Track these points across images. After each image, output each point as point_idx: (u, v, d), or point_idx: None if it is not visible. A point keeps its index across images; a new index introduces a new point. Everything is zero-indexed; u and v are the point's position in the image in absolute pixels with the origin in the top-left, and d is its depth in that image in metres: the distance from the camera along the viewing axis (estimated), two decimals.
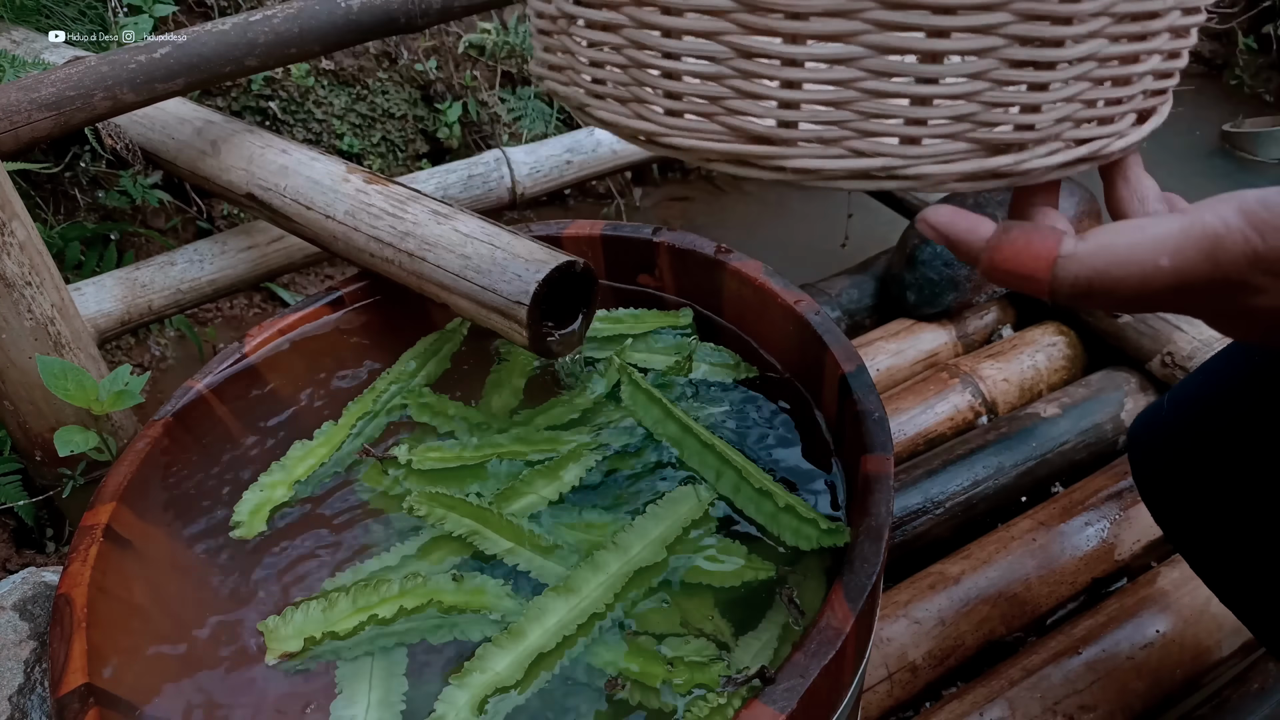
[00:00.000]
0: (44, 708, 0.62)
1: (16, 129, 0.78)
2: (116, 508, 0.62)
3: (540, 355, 0.68)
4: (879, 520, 0.53)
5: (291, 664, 0.56)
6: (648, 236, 0.76)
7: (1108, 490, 0.96)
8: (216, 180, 0.92)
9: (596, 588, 0.57)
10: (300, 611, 0.57)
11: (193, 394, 0.71)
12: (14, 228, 0.80)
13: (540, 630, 0.55)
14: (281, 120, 1.48)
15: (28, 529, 1.03)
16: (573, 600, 0.56)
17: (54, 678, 0.53)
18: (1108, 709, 0.79)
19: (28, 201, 1.23)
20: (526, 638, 0.55)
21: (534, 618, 0.55)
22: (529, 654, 0.54)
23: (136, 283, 1.02)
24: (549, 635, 0.55)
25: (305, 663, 0.56)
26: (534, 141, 1.31)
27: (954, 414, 1.08)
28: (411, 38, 1.57)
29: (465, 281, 0.69)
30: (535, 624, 0.55)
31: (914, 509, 0.96)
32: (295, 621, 0.57)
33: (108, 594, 0.59)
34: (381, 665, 0.56)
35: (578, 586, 0.57)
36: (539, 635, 0.55)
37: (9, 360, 0.85)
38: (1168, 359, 1.06)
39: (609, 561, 0.59)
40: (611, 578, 0.58)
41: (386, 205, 0.75)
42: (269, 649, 0.56)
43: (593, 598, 0.57)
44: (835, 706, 0.51)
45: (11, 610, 0.65)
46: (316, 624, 0.57)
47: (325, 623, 0.57)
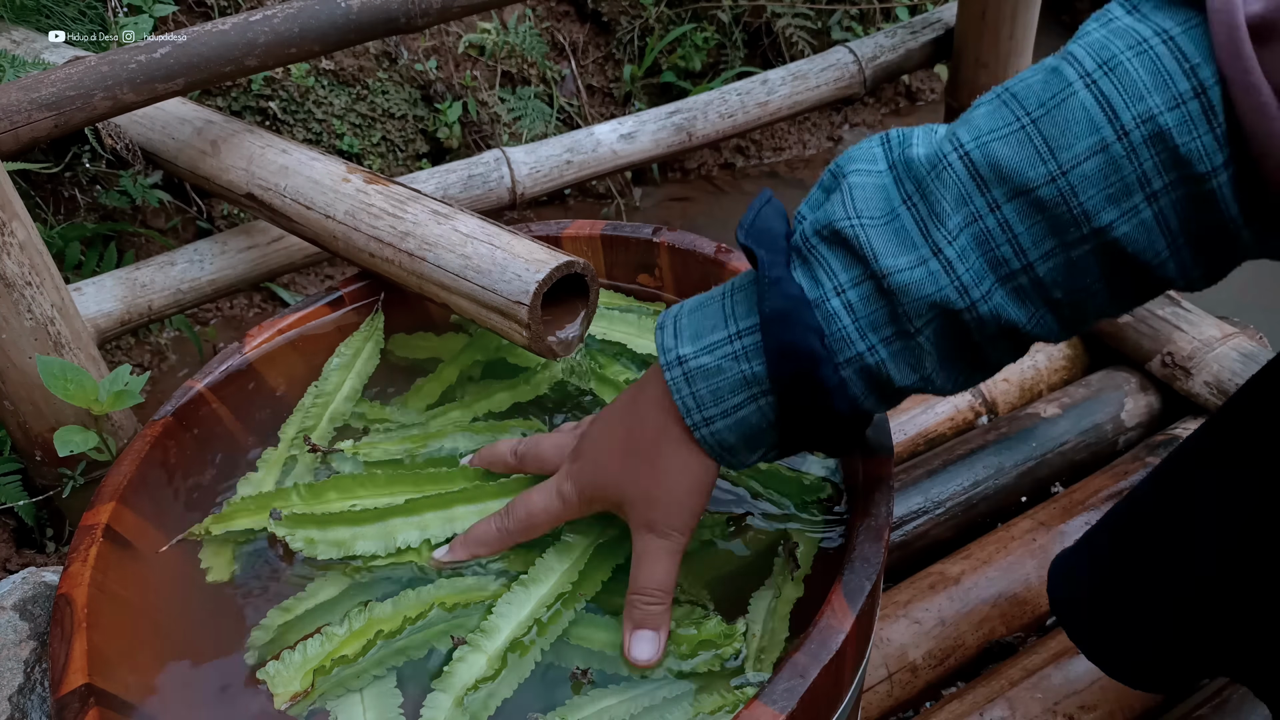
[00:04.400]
0: (44, 708, 0.62)
1: (16, 129, 0.78)
2: (116, 507, 0.62)
3: (541, 355, 0.68)
4: (879, 520, 0.53)
5: (305, 704, 0.54)
6: (648, 236, 0.76)
7: (1108, 490, 0.96)
8: (216, 180, 0.92)
9: (563, 573, 0.58)
10: (298, 651, 0.56)
11: (193, 394, 0.71)
12: (14, 228, 0.80)
13: (513, 622, 0.56)
14: (281, 120, 1.48)
15: (28, 529, 1.03)
16: (539, 590, 0.57)
17: (54, 678, 0.53)
18: (1108, 709, 0.79)
19: (28, 201, 1.23)
20: (501, 632, 0.55)
21: (503, 613, 0.56)
22: (504, 646, 0.55)
23: (136, 283, 1.02)
24: (522, 625, 0.55)
25: (319, 701, 0.55)
26: (534, 141, 1.31)
27: (954, 414, 1.08)
28: (411, 38, 1.57)
29: (465, 281, 0.69)
30: (507, 619, 0.56)
31: (914, 509, 0.96)
32: (295, 661, 0.56)
33: (108, 594, 0.59)
34: (373, 685, 0.56)
35: (542, 576, 0.58)
36: (512, 627, 0.55)
37: (9, 360, 0.85)
38: (1168, 359, 1.06)
39: (573, 546, 0.60)
40: (576, 560, 0.59)
41: (386, 205, 0.75)
42: (275, 696, 0.54)
43: (557, 582, 0.58)
44: (835, 706, 0.51)
45: (11, 610, 0.65)
46: (318, 656, 0.56)
47: (329, 652, 0.56)
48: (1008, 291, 0.44)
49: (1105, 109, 0.41)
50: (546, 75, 1.69)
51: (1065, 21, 2.06)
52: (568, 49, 1.73)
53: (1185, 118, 0.39)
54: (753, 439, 0.51)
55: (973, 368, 0.48)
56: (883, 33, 1.42)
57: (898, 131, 0.48)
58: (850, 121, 1.89)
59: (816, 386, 0.47)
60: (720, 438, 0.50)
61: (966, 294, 0.44)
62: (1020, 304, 0.45)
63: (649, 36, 1.74)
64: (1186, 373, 1.04)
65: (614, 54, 1.77)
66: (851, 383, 0.47)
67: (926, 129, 0.48)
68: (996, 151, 0.43)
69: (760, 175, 1.80)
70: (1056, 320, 0.45)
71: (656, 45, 1.73)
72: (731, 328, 0.50)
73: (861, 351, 0.46)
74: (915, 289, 0.45)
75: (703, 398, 0.50)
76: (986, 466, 1.00)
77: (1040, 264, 0.43)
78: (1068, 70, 0.43)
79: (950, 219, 0.44)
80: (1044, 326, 0.46)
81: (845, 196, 0.47)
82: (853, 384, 0.47)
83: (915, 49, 1.41)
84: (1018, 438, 1.02)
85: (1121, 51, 0.41)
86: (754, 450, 0.52)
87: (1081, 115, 0.41)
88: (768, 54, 1.80)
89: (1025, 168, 0.42)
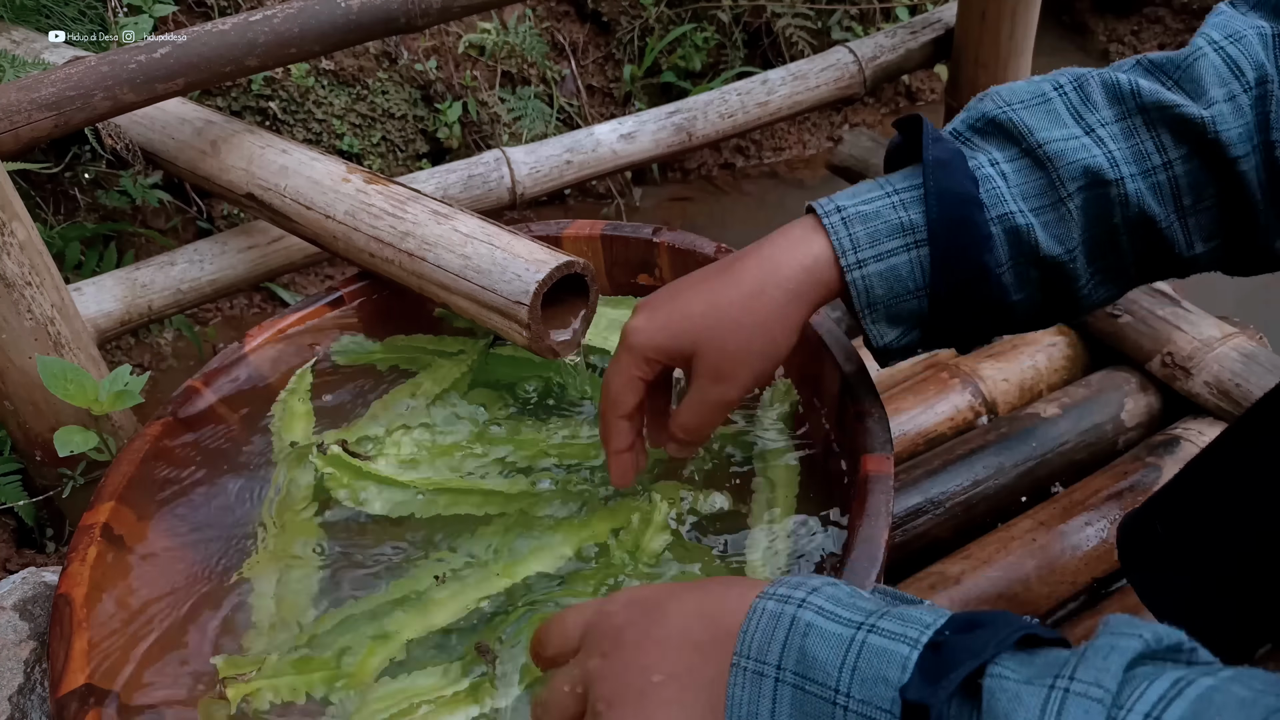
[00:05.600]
0: (44, 708, 0.62)
1: (16, 129, 0.78)
2: (116, 508, 0.62)
3: (541, 355, 0.68)
4: (879, 520, 0.53)
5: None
6: (648, 236, 0.76)
7: (1108, 490, 0.96)
8: (216, 180, 0.92)
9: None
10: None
11: (192, 394, 0.71)
12: (14, 228, 0.80)
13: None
14: (281, 120, 1.48)
15: (28, 529, 1.03)
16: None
17: (53, 678, 0.53)
18: None
19: (28, 201, 1.23)
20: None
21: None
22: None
23: (136, 283, 1.02)
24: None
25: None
26: (534, 141, 1.31)
27: (954, 414, 1.08)
28: (411, 38, 1.57)
29: (465, 281, 0.69)
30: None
31: (914, 509, 0.96)
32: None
33: (107, 594, 0.59)
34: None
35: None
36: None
37: (9, 360, 0.85)
38: (1168, 359, 1.06)
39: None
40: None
41: (386, 205, 0.75)
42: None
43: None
44: None
45: (11, 610, 0.65)
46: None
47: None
48: (1148, 185, 0.50)
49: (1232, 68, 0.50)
50: (546, 75, 1.69)
51: (1065, 21, 2.06)
52: (568, 49, 1.73)
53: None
54: (898, 299, 0.52)
55: (1111, 260, 0.52)
56: (883, 33, 1.42)
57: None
58: (850, 121, 1.89)
59: (971, 231, 0.50)
60: (870, 283, 0.52)
61: (1117, 167, 0.50)
62: (1158, 201, 0.51)
63: (649, 36, 1.74)
64: (1187, 373, 1.04)
65: (614, 54, 1.77)
66: (999, 241, 0.50)
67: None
68: (1155, 87, 0.51)
69: (760, 175, 1.80)
70: (1183, 230, 0.51)
71: (656, 45, 1.73)
72: (888, 188, 0.53)
73: (1013, 211, 0.50)
74: (1070, 154, 0.50)
75: (859, 239, 0.51)
76: (986, 466, 0.99)
77: (1178, 164, 0.50)
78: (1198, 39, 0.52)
79: (1102, 109, 0.51)
80: (1173, 234, 0.51)
81: (996, 94, 0.53)
82: (1000, 243, 0.50)
83: (915, 49, 1.41)
84: (1018, 438, 1.02)
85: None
86: (894, 321, 0.53)
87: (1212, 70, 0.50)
88: (768, 54, 1.80)
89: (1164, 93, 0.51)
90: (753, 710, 0.37)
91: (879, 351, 0.55)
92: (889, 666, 0.34)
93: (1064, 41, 2.02)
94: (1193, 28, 1.93)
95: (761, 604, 0.39)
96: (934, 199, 0.50)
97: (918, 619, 0.36)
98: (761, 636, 0.37)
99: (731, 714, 0.37)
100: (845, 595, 0.38)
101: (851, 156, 1.44)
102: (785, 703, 0.36)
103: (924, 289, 0.52)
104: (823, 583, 0.39)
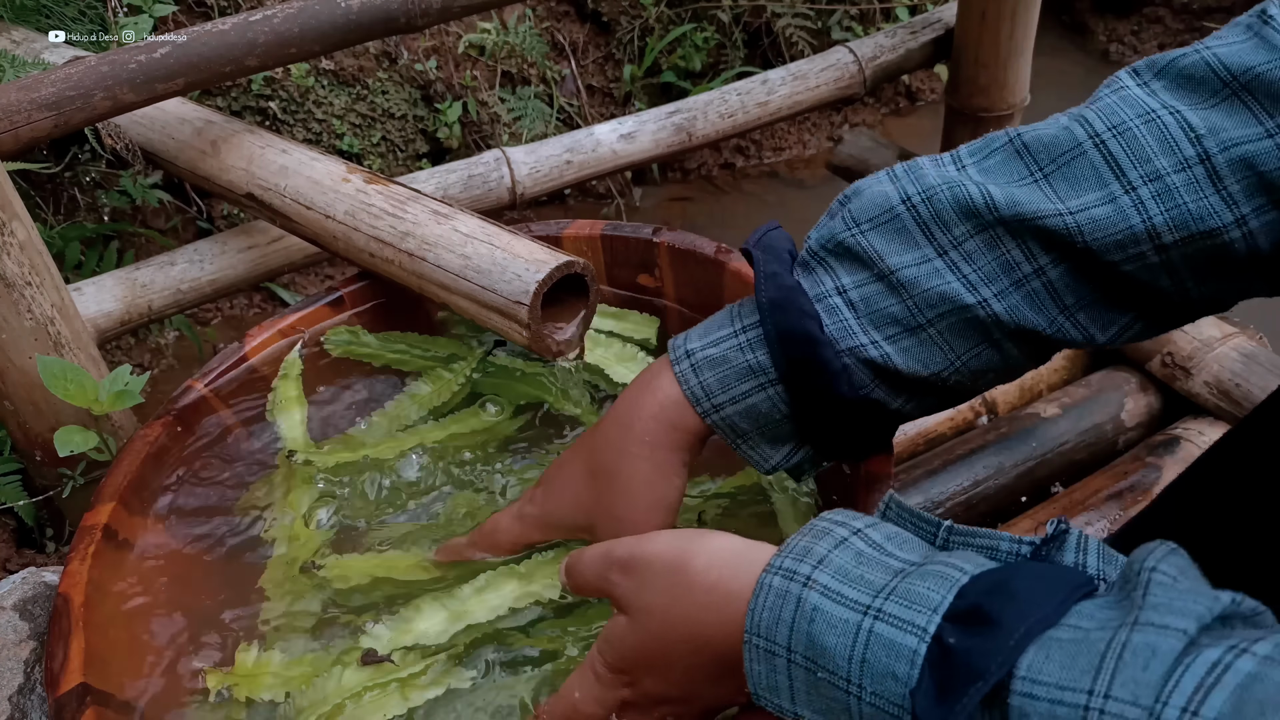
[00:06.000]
0: (44, 708, 0.62)
1: (16, 129, 0.78)
2: (116, 508, 0.62)
3: (541, 355, 0.68)
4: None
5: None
6: (648, 236, 0.76)
7: (1108, 490, 0.96)
8: (216, 180, 0.92)
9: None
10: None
11: (193, 394, 0.71)
12: (14, 228, 0.80)
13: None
14: (281, 120, 1.48)
15: (28, 529, 1.03)
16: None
17: (52, 677, 0.53)
18: None
19: (28, 201, 1.23)
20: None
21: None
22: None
23: (136, 283, 1.02)
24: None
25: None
26: (534, 141, 1.31)
27: (954, 414, 1.08)
28: (411, 38, 1.57)
29: (465, 281, 0.69)
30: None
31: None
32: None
33: (107, 594, 0.59)
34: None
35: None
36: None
37: (9, 360, 0.85)
38: (1168, 359, 1.06)
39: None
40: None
41: (386, 205, 0.75)
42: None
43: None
44: None
45: (11, 610, 0.65)
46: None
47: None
48: (1022, 296, 0.47)
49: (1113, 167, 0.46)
50: (546, 75, 1.69)
51: (1065, 21, 2.06)
52: (568, 49, 1.73)
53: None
54: (768, 428, 0.51)
55: (999, 363, 0.49)
56: (883, 33, 1.42)
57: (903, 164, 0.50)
58: (850, 121, 1.89)
59: (819, 370, 0.48)
60: (731, 422, 0.51)
61: (975, 290, 0.47)
62: (1035, 309, 0.47)
63: (649, 36, 1.74)
64: (1186, 372, 1.04)
65: (614, 54, 1.77)
66: (856, 369, 0.49)
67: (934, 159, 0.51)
68: (1015, 193, 0.46)
69: (760, 175, 1.80)
70: (1075, 327, 0.48)
71: (656, 45, 1.73)
72: (736, 324, 0.51)
73: (863, 344, 0.48)
74: (924, 280, 0.47)
75: (710, 386, 0.51)
76: (986, 466, 0.99)
77: (1050, 269, 0.46)
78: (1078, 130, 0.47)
79: (954, 227, 0.47)
80: (1064, 333, 0.48)
81: (846, 213, 0.50)
82: (857, 370, 0.49)
83: (915, 49, 1.41)
84: (1018, 438, 1.02)
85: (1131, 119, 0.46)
86: (775, 442, 0.52)
87: (1090, 172, 0.46)
88: (768, 54, 1.80)
89: (1038, 203, 0.46)
90: (772, 684, 0.39)
91: (772, 473, 0.54)
92: (897, 661, 0.35)
93: (1064, 41, 2.02)
94: (1193, 27, 1.92)
95: (768, 579, 0.39)
96: (774, 342, 0.48)
97: (925, 600, 0.35)
98: (769, 615, 0.39)
99: (753, 684, 0.39)
100: (851, 564, 0.38)
101: (851, 156, 1.44)
102: (801, 681, 0.38)
103: (791, 417, 0.51)
104: (830, 547, 0.39)
